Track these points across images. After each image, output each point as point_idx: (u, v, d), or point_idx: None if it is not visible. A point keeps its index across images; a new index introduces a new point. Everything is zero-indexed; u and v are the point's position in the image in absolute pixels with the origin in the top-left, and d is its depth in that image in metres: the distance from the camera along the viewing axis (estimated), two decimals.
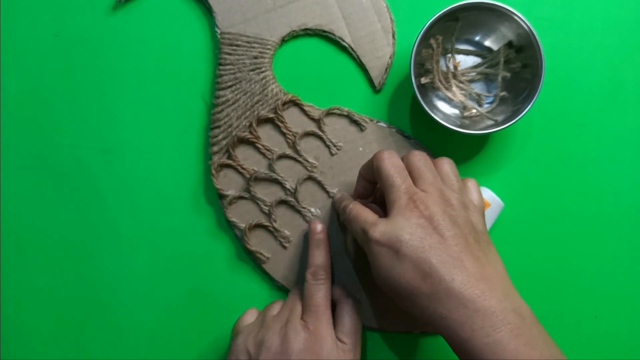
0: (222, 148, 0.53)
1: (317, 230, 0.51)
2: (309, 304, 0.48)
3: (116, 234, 0.55)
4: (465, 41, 0.53)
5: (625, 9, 0.54)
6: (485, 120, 0.51)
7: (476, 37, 0.52)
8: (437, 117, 0.48)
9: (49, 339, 0.56)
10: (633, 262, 0.53)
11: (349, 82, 0.54)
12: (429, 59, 0.51)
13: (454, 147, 0.54)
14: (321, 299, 0.48)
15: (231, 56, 0.53)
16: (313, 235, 0.51)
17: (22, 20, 0.56)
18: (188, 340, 0.55)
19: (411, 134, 0.54)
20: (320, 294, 0.48)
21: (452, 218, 0.42)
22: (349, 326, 0.48)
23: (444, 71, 0.52)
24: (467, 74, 0.52)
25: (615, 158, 0.54)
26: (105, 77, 0.56)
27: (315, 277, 0.49)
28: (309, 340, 0.45)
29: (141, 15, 0.55)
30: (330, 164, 0.53)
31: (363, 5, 0.53)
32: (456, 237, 0.41)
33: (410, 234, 0.41)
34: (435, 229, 0.41)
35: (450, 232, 0.41)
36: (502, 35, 0.51)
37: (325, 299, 0.48)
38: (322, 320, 0.47)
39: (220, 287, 0.55)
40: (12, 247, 0.56)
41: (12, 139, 0.56)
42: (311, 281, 0.49)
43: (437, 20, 0.47)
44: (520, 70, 0.50)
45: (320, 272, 0.49)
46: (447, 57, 0.52)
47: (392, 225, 0.42)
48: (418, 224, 0.41)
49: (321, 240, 0.51)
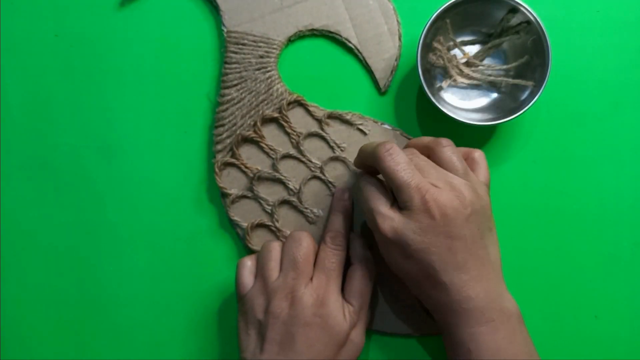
0: (226, 147, 0.53)
1: (344, 197, 0.52)
2: (322, 266, 0.48)
3: (117, 232, 0.55)
4: (472, 32, 0.53)
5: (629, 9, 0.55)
6: (516, 93, 0.51)
7: (482, 29, 0.53)
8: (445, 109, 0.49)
9: (49, 339, 0.55)
10: (633, 262, 0.54)
11: (355, 84, 0.55)
12: (438, 61, 0.52)
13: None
14: (335, 264, 0.48)
15: (237, 55, 0.53)
16: (338, 201, 0.51)
17: (22, 20, 0.56)
18: (188, 340, 0.55)
19: (416, 136, 0.54)
20: (335, 259, 0.48)
21: (465, 214, 0.43)
22: (357, 289, 0.48)
23: (456, 65, 0.52)
24: (480, 57, 0.53)
25: (616, 158, 0.54)
26: (106, 76, 0.55)
27: (334, 241, 0.49)
28: (316, 306, 0.46)
29: (147, 13, 0.55)
30: (334, 164, 0.54)
31: (370, 7, 0.53)
32: (465, 238, 0.43)
33: (420, 236, 0.42)
34: (446, 232, 0.42)
35: (462, 231, 0.42)
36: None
37: (338, 265, 0.48)
38: (331, 285, 0.47)
39: (221, 286, 0.55)
40: (12, 247, 0.55)
41: (12, 139, 0.56)
42: (330, 244, 0.49)
43: (444, 11, 0.49)
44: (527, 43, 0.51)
45: (339, 238, 0.49)
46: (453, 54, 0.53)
47: (403, 224, 0.43)
48: (429, 226, 0.42)
49: (346, 207, 0.51)
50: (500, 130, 0.55)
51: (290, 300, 0.46)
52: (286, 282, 0.47)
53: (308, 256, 0.48)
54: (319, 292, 0.46)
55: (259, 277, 0.49)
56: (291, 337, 0.45)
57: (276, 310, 0.46)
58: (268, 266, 0.48)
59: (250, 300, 0.48)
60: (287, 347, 0.45)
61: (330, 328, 0.46)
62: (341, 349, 0.46)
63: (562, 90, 0.54)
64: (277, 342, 0.45)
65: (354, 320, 0.47)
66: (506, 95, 0.53)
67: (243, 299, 0.49)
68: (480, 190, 0.45)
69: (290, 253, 0.48)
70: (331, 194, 0.53)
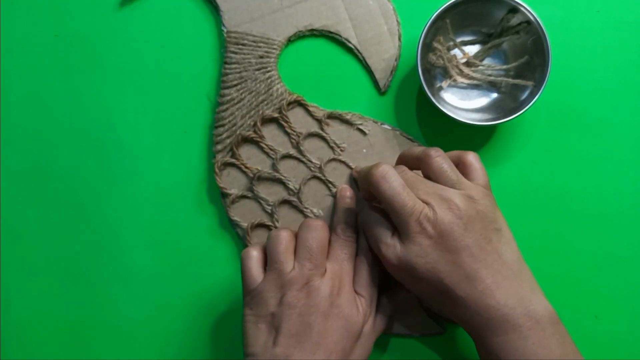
0: (226, 147, 0.53)
1: (347, 195, 0.52)
2: (334, 257, 0.48)
3: (117, 232, 0.55)
4: (472, 32, 0.53)
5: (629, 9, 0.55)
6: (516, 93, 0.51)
7: (482, 29, 0.53)
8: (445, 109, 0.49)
9: (49, 339, 0.55)
10: (633, 262, 0.54)
11: (354, 84, 0.55)
12: (438, 61, 0.52)
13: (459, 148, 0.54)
14: (348, 255, 0.48)
15: (237, 55, 0.53)
16: (342, 199, 0.52)
17: (22, 20, 0.56)
18: (189, 340, 0.55)
19: (416, 136, 0.54)
20: (347, 250, 0.48)
21: (461, 225, 0.43)
22: (366, 280, 0.48)
23: (456, 65, 0.52)
24: (480, 57, 0.53)
25: (616, 158, 0.54)
26: (106, 76, 0.55)
27: (345, 232, 0.49)
28: (332, 296, 0.45)
29: (147, 13, 0.55)
30: (334, 165, 0.54)
31: (370, 7, 0.53)
32: (469, 248, 0.42)
33: (423, 258, 0.43)
34: (447, 247, 0.42)
35: (463, 242, 0.42)
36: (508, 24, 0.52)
37: (351, 256, 0.48)
38: (345, 275, 0.47)
39: (221, 286, 0.55)
40: (12, 247, 0.55)
41: (12, 139, 0.56)
42: (341, 236, 0.49)
43: (444, 11, 0.49)
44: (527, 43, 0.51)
45: (350, 230, 0.49)
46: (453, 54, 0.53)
47: (405, 251, 0.43)
48: (429, 246, 0.43)
49: (350, 205, 0.52)
50: (500, 130, 0.55)
51: (307, 291, 0.45)
52: (302, 273, 0.45)
53: (324, 246, 0.47)
54: (334, 282, 0.46)
55: (272, 269, 0.46)
56: (308, 327, 0.44)
57: (293, 301, 0.44)
58: (282, 257, 0.46)
59: (262, 292, 0.45)
60: (304, 338, 0.43)
61: (346, 319, 0.45)
62: (356, 342, 0.46)
63: (562, 90, 0.54)
64: (293, 334, 0.43)
65: (366, 312, 0.47)
66: (506, 95, 0.53)
67: (252, 292, 0.46)
68: (476, 195, 0.44)
69: (305, 242, 0.46)
70: (331, 194, 0.53)
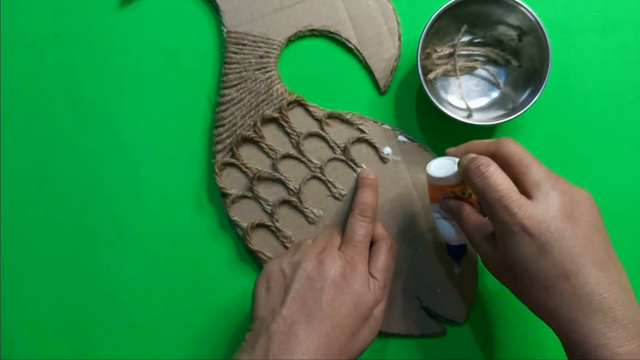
0: (226, 147, 0.53)
1: (371, 176, 0.52)
2: (350, 238, 0.48)
3: (117, 232, 0.55)
4: (471, 33, 0.53)
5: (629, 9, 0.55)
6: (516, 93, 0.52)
7: (482, 30, 0.53)
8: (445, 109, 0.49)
9: (49, 339, 0.55)
10: (633, 262, 0.53)
11: (354, 84, 0.55)
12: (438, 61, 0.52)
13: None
14: (363, 236, 0.48)
15: (237, 55, 0.53)
16: (365, 180, 0.52)
17: (22, 20, 0.56)
18: (189, 340, 0.55)
19: (416, 136, 0.54)
20: (364, 231, 0.48)
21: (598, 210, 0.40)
22: (382, 265, 0.48)
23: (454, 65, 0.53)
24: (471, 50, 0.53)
25: (616, 158, 0.54)
26: (106, 76, 0.56)
27: (363, 213, 0.49)
28: (344, 269, 0.45)
29: (147, 13, 0.55)
30: (334, 165, 0.54)
31: (370, 8, 0.53)
32: (604, 234, 0.39)
33: (562, 223, 0.38)
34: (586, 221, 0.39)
35: (599, 224, 0.39)
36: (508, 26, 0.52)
37: (366, 237, 0.48)
38: (359, 255, 0.47)
39: (221, 286, 0.55)
40: (12, 247, 0.56)
41: (13, 138, 0.56)
42: (358, 217, 0.49)
43: (441, 13, 0.49)
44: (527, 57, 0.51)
45: (368, 211, 0.49)
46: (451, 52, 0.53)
47: (542, 210, 0.38)
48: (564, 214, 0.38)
49: (373, 184, 0.52)
50: (500, 130, 0.55)
51: (320, 260, 0.45)
52: (317, 244, 0.47)
53: (339, 231, 0.50)
54: (347, 259, 0.46)
55: (293, 244, 0.51)
56: (317, 294, 0.43)
57: (306, 265, 0.45)
58: (305, 239, 0.51)
59: (278, 259, 0.47)
60: (311, 304, 0.43)
61: (357, 296, 0.44)
62: (364, 322, 0.45)
63: (562, 90, 0.54)
64: (301, 296, 0.43)
65: (378, 296, 0.46)
66: (506, 95, 0.53)
67: (269, 261, 0.48)
68: None
69: (330, 230, 0.50)
70: (331, 194, 0.53)
